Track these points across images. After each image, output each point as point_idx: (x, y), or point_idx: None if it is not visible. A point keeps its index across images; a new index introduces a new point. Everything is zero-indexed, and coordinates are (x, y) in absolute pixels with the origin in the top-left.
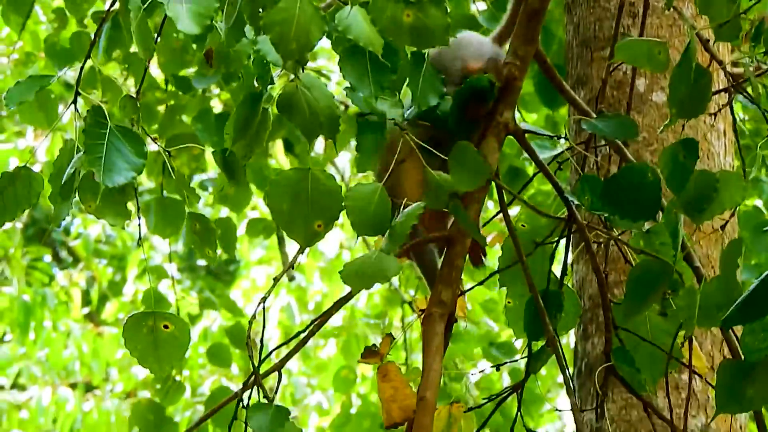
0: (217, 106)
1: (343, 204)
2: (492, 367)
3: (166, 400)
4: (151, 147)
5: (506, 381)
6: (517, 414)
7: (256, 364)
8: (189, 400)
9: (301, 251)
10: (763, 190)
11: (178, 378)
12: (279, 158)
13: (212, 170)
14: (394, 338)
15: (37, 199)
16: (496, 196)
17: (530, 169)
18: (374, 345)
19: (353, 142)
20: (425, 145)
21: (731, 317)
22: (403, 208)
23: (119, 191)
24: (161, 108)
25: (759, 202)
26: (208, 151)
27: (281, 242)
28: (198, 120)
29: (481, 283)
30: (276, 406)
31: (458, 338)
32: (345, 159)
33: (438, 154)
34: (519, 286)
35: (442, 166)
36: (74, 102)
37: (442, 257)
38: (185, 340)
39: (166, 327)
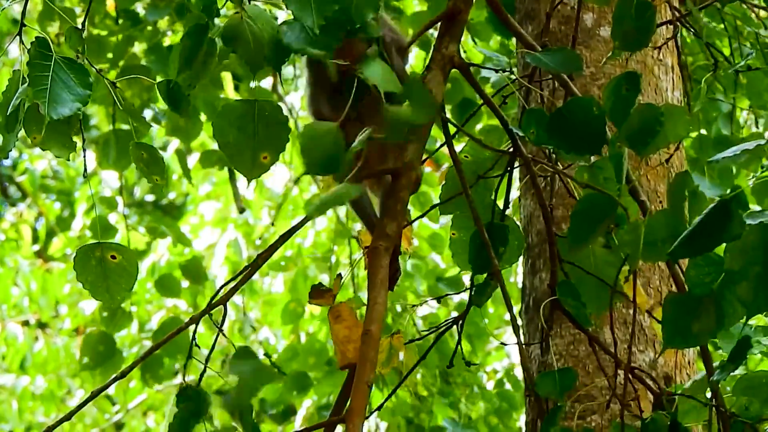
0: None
1: (289, 136)
2: (434, 298)
3: (114, 327)
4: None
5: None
6: (457, 346)
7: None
8: (136, 336)
9: (248, 184)
10: (720, 109)
11: (127, 308)
12: (228, 91)
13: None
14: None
15: None
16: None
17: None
18: (320, 284)
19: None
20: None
21: (677, 250)
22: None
23: (65, 123)
24: (114, 39)
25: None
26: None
27: (232, 175)
28: (151, 52)
29: (423, 215)
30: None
31: (406, 274)
32: (295, 96)
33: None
34: (463, 218)
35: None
36: (19, 34)
37: (386, 190)
38: (133, 269)
39: (113, 257)
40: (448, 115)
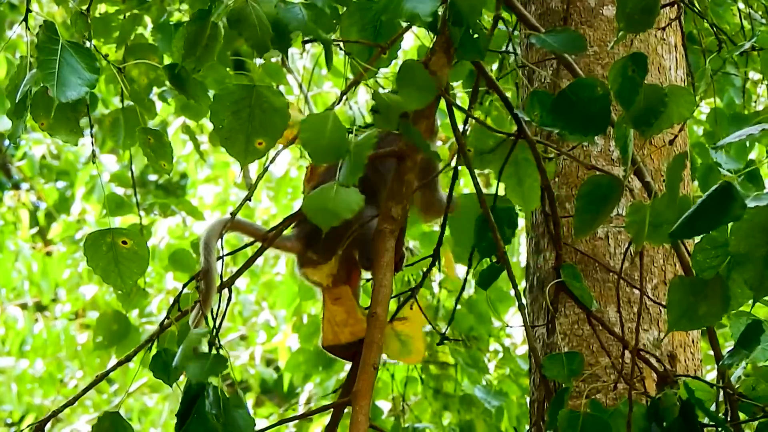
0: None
1: (289, 122)
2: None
3: (129, 305)
4: None
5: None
6: (447, 327)
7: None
8: (137, 320)
9: (241, 168)
10: (732, 83)
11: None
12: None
13: None
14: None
15: None
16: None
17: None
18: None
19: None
20: None
21: (679, 230)
22: None
23: (71, 108)
24: (120, 18)
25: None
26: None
27: None
28: (157, 30)
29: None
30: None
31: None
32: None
33: None
34: (467, 197)
35: None
36: (25, 19)
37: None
38: (144, 253)
39: (124, 243)
40: (459, 86)
